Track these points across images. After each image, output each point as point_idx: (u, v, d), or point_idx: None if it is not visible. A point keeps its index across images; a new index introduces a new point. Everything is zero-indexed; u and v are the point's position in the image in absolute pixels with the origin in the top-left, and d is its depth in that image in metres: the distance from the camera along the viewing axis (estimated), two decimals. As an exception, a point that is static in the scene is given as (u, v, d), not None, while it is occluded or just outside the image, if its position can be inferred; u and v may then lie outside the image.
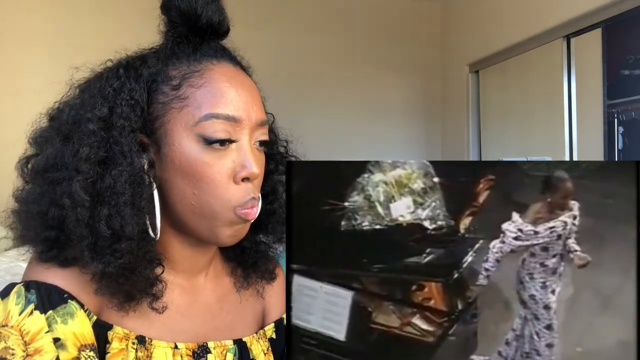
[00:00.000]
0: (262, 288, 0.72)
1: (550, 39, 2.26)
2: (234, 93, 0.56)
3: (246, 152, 0.57)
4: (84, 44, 2.46)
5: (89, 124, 0.53)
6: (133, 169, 0.53)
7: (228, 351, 0.63)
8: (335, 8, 3.08)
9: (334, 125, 3.06)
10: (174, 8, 0.57)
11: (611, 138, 2.06)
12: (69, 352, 0.51)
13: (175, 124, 0.55)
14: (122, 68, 0.57)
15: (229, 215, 0.56)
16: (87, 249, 0.52)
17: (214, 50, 0.59)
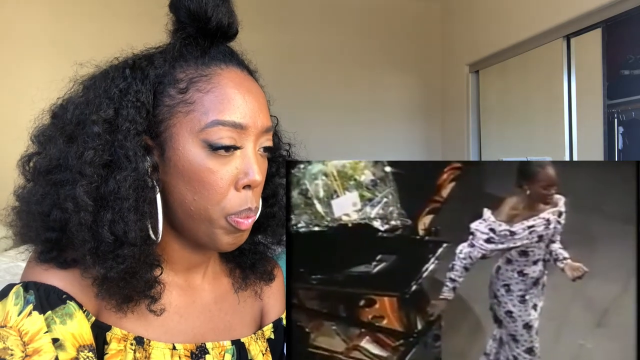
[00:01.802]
0: (260, 289, 0.72)
1: (550, 39, 2.26)
2: (241, 100, 0.56)
3: (250, 159, 0.56)
4: (86, 41, 2.47)
5: (94, 127, 0.52)
6: (137, 174, 0.53)
7: (226, 352, 0.62)
8: (336, 8, 3.08)
9: (334, 125, 3.06)
10: (183, 8, 0.56)
11: (611, 138, 2.06)
12: (68, 352, 0.50)
13: (180, 128, 0.55)
14: (128, 68, 0.56)
15: (222, 222, 0.56)
16: (89, 254, 0.51)
17: (222, 54, 0.58)
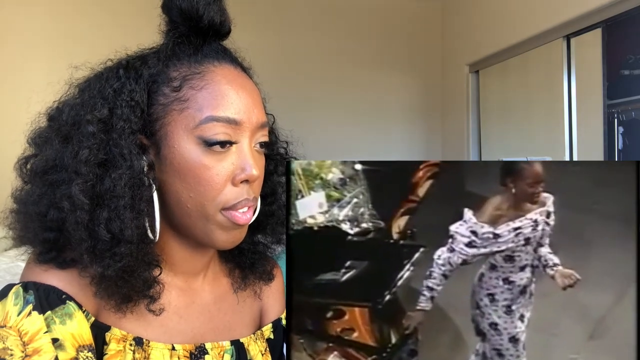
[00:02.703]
0: (259, 289, 0.72)
1: (550, 39, 2.25)
2: (234, 95, 0.56)
3: (246, 154, 0.56)
4: (83, 43, 2.46)
5: (89, 126, 0.53)
6: (133, 172, 0.53)
7: (225, 352, 0.62)
8: (336, 8, 3.08)
9: (334, 125, 3.06)
10: (175, 7, 0.56)
11: (611, 138, 2.06)
12: (68, 352, 0.51)
13: (175, 125, 0.55)
14: (122, 68, 0.56)
15: (218, 217, 0.56)
16: (86, 252, 0.51)
17: (215, 51, 0.59)
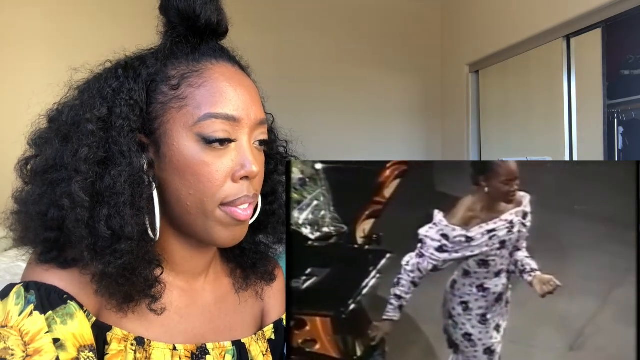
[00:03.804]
0: (261, 289, 0.72)
1: (550, 39, 2.25)
2: (233, 92, 0.56)
3: (245, 151, 0.57)
4: (83, 44, 2.46)
5: (88, 125, 0.53)
6: (132, 169, 0.53)
7: (227, 352, 0.62)
8: (335, 8, 3.08)
9: (333, 125, 3.06)
10: (173, 8, 0.57)
11: (611, 138, 2.06)
12: (69, 352, 0.51)
13: (174, 123, 0.55)
14: (121, 68, 0.57)
15: (217, 213, 0.56)
16: (87, 250, 0.52)
17: (212, 50, 0.59)
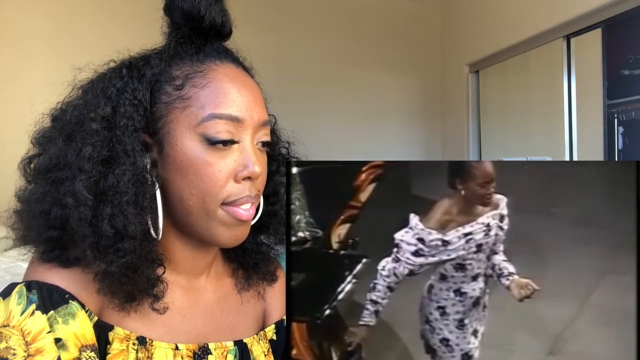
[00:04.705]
0: (263, 289, 0.72)
1: (550, 39, 2.26)
2: (236, 93, 0.57)
3: (248, 152, 0.57)
4: (85, 44, 2.47)
5: (92, 124, 0.53)
6: (136, 168, 0.53)
7: (229, 352, 0.62)
8: (336, 9, 3.08)
9: (334, 125, 3.06)
10: (177, 9, 0.57)
11: (611, 138, 2.06)
12: (70, 352, 0.51)
13: (178, 124, 0.55)
14: (125, 68, 0.57)
15: (219, 213, 0.56)
16: (89, 248, 0.52)
17: (216, 51, 0.59)
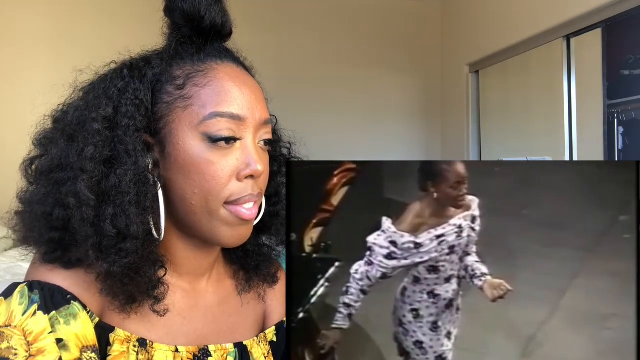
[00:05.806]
0: (263, 291, 0.72)
1: (550, 39, 2.26)
2: (237, 92, 0.57)
3: (250, 150, 0.57)
4: (85, 45, 2.47)
5: (94, 124, 0.53)
6: (138, 168, 0.53)
7: (229, 354, 0.62)
8: (336, 9, 3.09)
9: (334, 125, 3.06)
10: (178, 10, 0.57)
11: (611, 138, 2.06)
12: (71, 353, 0.51)
13: (179, 123, 0.55)
14: (126, 69, 0.57)
15: (222, 212, 0.56)
16: (92, 249, 0.52)
17: (217, 50, 0.60)
